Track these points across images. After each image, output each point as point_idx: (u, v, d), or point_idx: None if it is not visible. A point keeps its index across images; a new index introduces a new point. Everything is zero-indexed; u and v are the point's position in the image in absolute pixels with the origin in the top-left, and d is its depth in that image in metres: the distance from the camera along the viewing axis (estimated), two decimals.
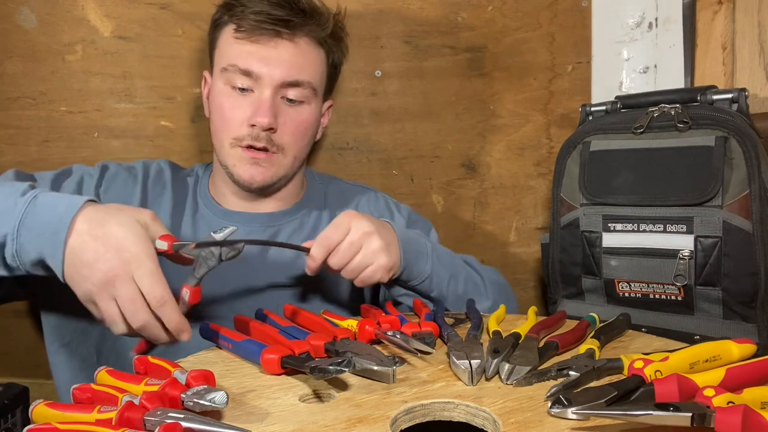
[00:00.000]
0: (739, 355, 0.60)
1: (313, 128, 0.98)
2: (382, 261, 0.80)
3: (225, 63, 0.91)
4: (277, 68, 0.89)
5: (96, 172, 0.94)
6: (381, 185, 1.22)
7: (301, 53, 0.91)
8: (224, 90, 0.91)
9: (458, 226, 1.26)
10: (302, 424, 0.51)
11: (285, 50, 0.90)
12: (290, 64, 0.90)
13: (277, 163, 0.92)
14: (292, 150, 0.93)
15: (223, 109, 0.91)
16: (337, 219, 0.81)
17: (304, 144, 0.96)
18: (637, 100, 1.02)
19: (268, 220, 0.98)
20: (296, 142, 0.94)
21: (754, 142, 0.87)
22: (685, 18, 1.15)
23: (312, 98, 0.94)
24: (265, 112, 0.88)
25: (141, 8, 1.10)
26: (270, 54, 0.89)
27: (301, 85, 0.91)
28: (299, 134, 0.94)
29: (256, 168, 0.91)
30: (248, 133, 0.89)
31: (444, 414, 0.56)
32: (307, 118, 0.94)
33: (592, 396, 0.52)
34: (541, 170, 1.26)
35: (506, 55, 1.23)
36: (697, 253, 0.87)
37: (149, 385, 0.54)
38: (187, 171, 1.04)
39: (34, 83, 1.08)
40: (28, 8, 1.06)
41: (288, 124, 0.92)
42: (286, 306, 0.82)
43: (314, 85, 0.94)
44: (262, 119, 0.88)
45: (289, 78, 0.90)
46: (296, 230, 0.99)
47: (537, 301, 1.29)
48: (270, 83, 0.89)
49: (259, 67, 0.89)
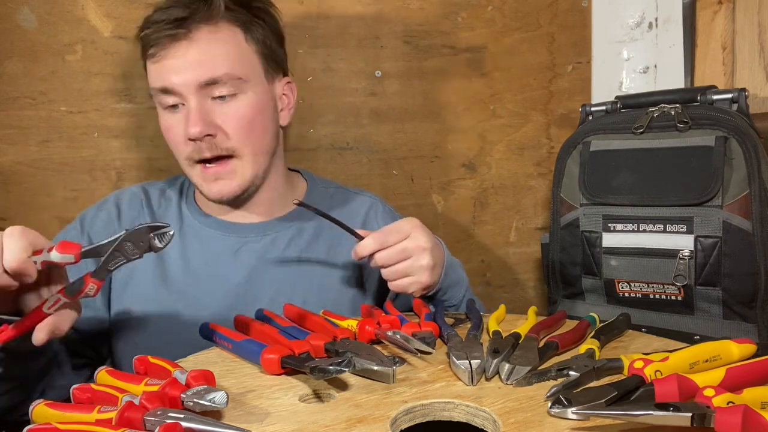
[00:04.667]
0: (739, 355, 0.60)
1: (262, 117, 0.89)
2: (424, 278, 0.81)
3: (150, 89, 0.88)
4: (186, 73, 0.83)
5: (77, 226, 0.93)
6: (381, 185, 1.22)
7: (205, 49, 0.84)
8: (162, 114, 0.88)
9: (458, 226, 1.26)
10: (302, 424, 0.51)
11: (186, 52, 0.84)
12: (198, 64, 0.83)
13: (237, 169, 0.87)
14: (245, 148, 0.87)
15: (165, 132, 0.88)
16: (401, 222, 0.83)
17: (257, 137, 0.89)
18: (637, 100, 1.02)
19: (264, 228, 0.95)
20: (245, 138, 0.87)
21: (754, 142, 0.87)
22: (685, 18, 1.15)
23: (243, 87, 0.86)
24: (194, 122, 0.83)
25: (141, 8, 1.09)
26: (175, 63, 0.84)
27: (220, 81, 0.84)
28: (244, 129, 0.87)
29: (218, 184, 0.87)
30: (192, 149, 0.85)
31: (444, 414, 0.56)
32: (246, 111, 0.87)
33: (592, 396, 0.52)
34: (541, 170, 1.26)
35: (506, 55, 1.23)
36: (697, 253, 0.87)
37: (149, 385, 0.54)
38: (167, 182, 1.00)
39: (34, 83, 1.08)
40: (28, 8, 1.06)
41: (227, 122, 0.85)
42: (286, 306, 0.82)
43: (237, 73, 0.85)
44: (193, 129, 0.83)
45: (204, 77, 0.83)
46: (294, 237, 0.96)
47: (537, 301, 1.30)
48: (188, 91, 0.84)
49: (171, 80, 0.84)
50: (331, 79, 1.18)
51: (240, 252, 0.93)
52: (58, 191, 1.11)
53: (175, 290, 0.90)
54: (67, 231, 0.93)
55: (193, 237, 0.94)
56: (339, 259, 0.96)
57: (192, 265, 0.92)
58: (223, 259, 0.92)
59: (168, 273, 0.91)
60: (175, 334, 0.86)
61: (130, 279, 0.90)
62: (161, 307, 0.89)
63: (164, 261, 0.91)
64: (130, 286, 0.90)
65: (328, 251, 0.97)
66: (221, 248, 0.93)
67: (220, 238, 0.94)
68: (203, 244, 0.93)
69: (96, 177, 1.12)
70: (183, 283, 0.90)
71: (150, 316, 0.89)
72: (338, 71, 1.18)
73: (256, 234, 0.95)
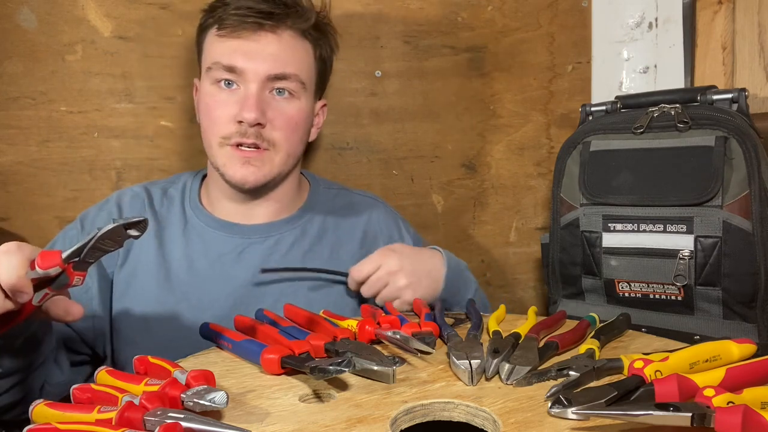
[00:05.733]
0: (739, 355, 0.60)
1: (305, 124, 0.95)
2: (407, 296, 0.88)
3: (209, 62, 0.89)
4: (262, 62, 0.87)
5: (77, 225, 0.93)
6: (381, 185, 1.22)
7: (285, 46, 0.89)
8: (210, 89, 0.90)
9: (458, 226, 1.26)
10: (302, 424, 0.51)
11: (268, 43, 0.88)
12: (275, 57, 0.88)
13: (269, 160, 0.90)
14: (284, 146, 0.91)
15: (210, 108, 0.89)
16: (372, 255, 0.90)
17: (297, 140, 0.93)
18: (637, 100, 1.02)
19: (268, 230, 0.96)
20: (288, 137, 0.91)
21: (754, 142, 0.87)
22: (685, 18, 1.15)
23: (301, 92, 0.92)
24: (251, 107, 0.86)
25: (141, 8, 1.09)
26: (253, 48, 0.87)
27: (287, 78, 0.89)
28: (290, 129, 0.91)
29: (247, 168, 0.89)
30: (236, 130, 0.87)
31: (444, 414, 0.56)
32: (297, 113, 0.91)
33: (592, 396, 0.52)
34: (541, 170, 1.26)
35: (506, 55, 1.23)
36: (697, 253, 0.87)
37: (149, 385, 0.54)
38: (164, 184, 1.00)
39: (34, 83, 1.08)
40: (28, 8, 1.06)
41: (278, 118, 0.89)
42: (286, 306, 0.82)
43: (302, 78, 0.91)
44: (248, 114, 0.86)
45: (275, 71, 0.88)
46: (298, 239, 0.97)
47: (537, 301, 1.30)
48: (255, 78, 0.87)
49: (243, 62, 0.87)
50: (331, 79, 1.18)
51: (244, 253, 0.93)
52: (58, 191, 1.11)
53: (178, 292, 0.90)
54: (67, 231, 0.93)
55: (197, 237, 0.94)
56: (342, 261, 0.97)
57: (196, 265, 0.92)
58: (227, 260, 0.92)
59: (171, 273, 0.91)
60: (178, 335, 0.86)
61: (132, 279, 0.90)
62: (164, 308, 0.89)
63: (167, 261, 0.91)
64: (132, 287, 0.90)
65: (331, 253, 0.98)
66: (225, 249, 0.93)
67: (224, 239, 0.94)
68: (207, 245, 0.93)
69: (96, 177, 1.12)
70: (186, 284, 0.90)
71: (153, 316, 0.88)
72: (338, 71, 1.18)
73: (260, 235, 0.95)
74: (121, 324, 0.90)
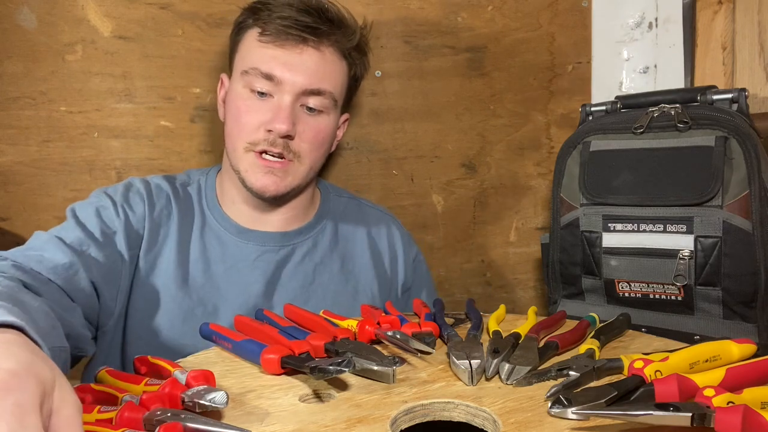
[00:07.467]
0: (739, 355, 0.60)
1: (330, 139, 0.96)
2: None
3: (247, 66, 0.89)
4: (301, 75, 0.87)
5: (118, 195, 0.90)
6: (381, 185, 1.22)
7: (325, 62, 0.90)
8: (243, 93, 0.89)
9: (458, 226, 1.26)
10: (302, 424, 0.51)
11: (309, 57, 0.88)
12: (314, 72, 0.88)
13: (292, 171, 0.90)
14: (308, 159, 0.91)
15: (240, 112, 0.89)
16: None
17: (321, 154, 0.94)
18: (637, 100, 1.02)
19: (282, 239, 0.96)
20: (313, 151, 0.92)
21: (754, 142, 0.87)
22: (685, 18, 1.15)
23: (331, 109, 0.93)
24: (284, 119, 0.86)
25: (141, 8, 1.09)
26: (294, 60, 0.88)
27: (322, 94, 0.90)
28: (317, 143, 0.92)
29: (269, 177, 0.89)
30: (264, 138, 0.87)
31: (444, 414, 0.56)
32: (325, 128, 0.93)
33: (592, 396, 0.52)
34: (541, 170, 1.26)
35: (506, 55, 1.23)
36: (697, 253, 0.87)
37: (149, 385, 0.54)
38: (183, 179, 0.99)
39: (34, 83, 1.08)
40: (28, 8, 1.06)
41: (306, 132, 0.90)
42: (286, 306, 0.82)
43: (335, 95, 0.92)
44: (280, 125, 0.86)
45: (312, 86, 0.88)
46: (310, 251, 0.97)
47: (537, 301, 1.30)
48: (291, 89, 0.87)
49: (281, 71, 0.87)
50: None
51: (258, 261, 0.93)
52: (58, 191, 1.11)
53: (195, 296, 0.89)
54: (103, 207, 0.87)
55: (215, 240, 0.93)
56: (353, 273, 0.98)
57: (212, 269, 0.91)
58: (243, 266, 0.92)
59: (189, 274, 0.90)
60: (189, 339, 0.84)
61: (153, 268, 0.88)
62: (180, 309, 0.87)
63: (186, 261, 0.90)
64: (152, 277, 0.88)
65: (342, 264, 0.98)
66: (240, 255, 0.93)
67: (240, 245, 0.94)
68: (223, 248, 0.93)
69: (96, 177, 1.12)
70: (203, 288, 0.89)
71: (167, 316, 0.87)
72: None
73: (274, 244, 0.95)
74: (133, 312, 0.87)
